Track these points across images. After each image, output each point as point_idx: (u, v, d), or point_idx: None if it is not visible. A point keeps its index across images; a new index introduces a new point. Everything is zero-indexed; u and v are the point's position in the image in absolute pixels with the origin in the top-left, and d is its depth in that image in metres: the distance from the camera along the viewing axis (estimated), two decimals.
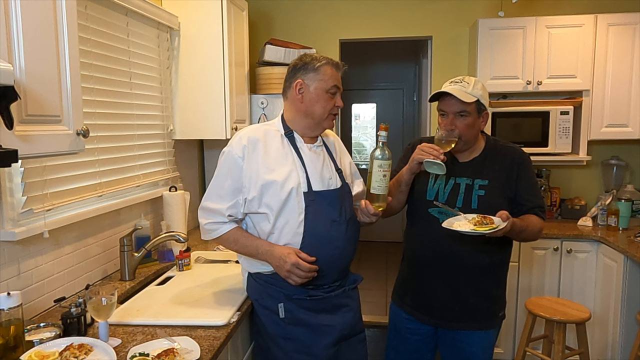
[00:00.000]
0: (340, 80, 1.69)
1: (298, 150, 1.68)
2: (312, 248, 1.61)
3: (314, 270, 1.58)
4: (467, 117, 1.72)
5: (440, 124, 1.78)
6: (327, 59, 1.65)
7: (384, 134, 1.64)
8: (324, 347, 1.66)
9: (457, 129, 1.72)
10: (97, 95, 2.00)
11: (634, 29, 3.01)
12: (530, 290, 3.03)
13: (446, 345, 1.91)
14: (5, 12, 1.13)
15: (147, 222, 2.26)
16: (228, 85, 2.68)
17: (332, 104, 1.66)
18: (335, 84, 1.66)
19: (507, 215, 1.61)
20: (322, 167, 1.70)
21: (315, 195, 1.63)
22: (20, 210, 1.58)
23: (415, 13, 3.55)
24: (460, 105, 1.71)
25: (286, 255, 1.57)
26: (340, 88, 1.68)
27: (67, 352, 1.25)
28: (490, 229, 1.58)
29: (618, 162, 3.32)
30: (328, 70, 1.64)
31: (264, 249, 1.62)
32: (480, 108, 1.75)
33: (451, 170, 1.80)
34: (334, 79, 1.65)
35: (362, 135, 6.70)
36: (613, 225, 3.06)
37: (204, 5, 2.65)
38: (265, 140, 1.66)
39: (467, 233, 1.60)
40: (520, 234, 1.73)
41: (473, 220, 1.63)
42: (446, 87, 1.74)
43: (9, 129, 1.09)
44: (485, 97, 1.76)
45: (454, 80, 1.76)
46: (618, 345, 2.75)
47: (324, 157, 1.73)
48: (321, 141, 1.76)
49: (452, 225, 1.65)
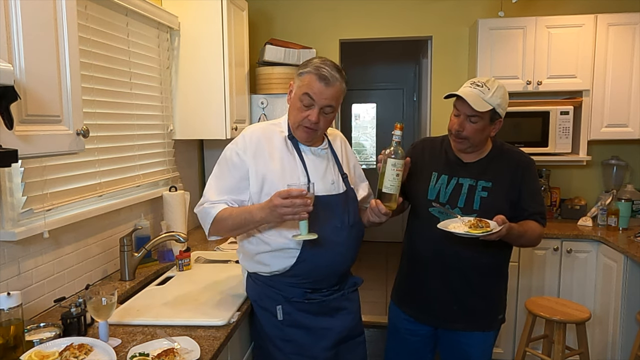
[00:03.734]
0: (327, 94, 1.54)
1: (300, 153, 1.65)
2: (313, 254, 1.59)
3: (304, 195, 1.42)
4: (478, 122, 1.70)
5: (451, 121, 1.77)
6: (315, 68, 1.54)
7: (399, 133, 1.59)
8: (322, 350, 1.66)
9: (465, 132, 1.71)
10: (97, 95, 2.00)
11: (634, 29, 3.01)
12: (530, 290, 3.03)
13: (445, 346, 1.91)
14: (5, 12, 1.13)
15: (147, 222, 2.27)
16: (228, 85, 2.68)
17: (302, 116, 1.57)
18: (307, 93, 1.54)
19: (504, 219, 1.59)
20: (325, 171, 1.67)
21: (317, 200, 1.59)
22: (20, 210, 1.58)
23: (415, 13, 3.55)
24: (472, 111, 1.68)
25: (270, 199, 1.47)
26: (314, 100, 1.54)
27: (67, 352, 1.25)
28: (485, 232, 1.57)
29: (618, 162, 3.32)
30: (306, 79, 1.55)
31: (255, 207, 1.54)
32: (494, 116, 1.71)
33: (455, 171, 1.80)
34: (309, 88, 1.54)
35: (362, 135, 6.70)
36: (613, 225, 3.06)
37: (204, 5, 2.65)
38: (270, 142, 1.64)
39: (461, 235, 1.60)
40: (519, 239, 1.72)
41: (469, 223, 1.62)
42: (464, 89, 1.71)
43: (9, 129, 1.09)
44: (504, 105, 1.72)
45: (476, 82, 1.71)
46: (618, 345, 2.75)
47: (328, 160, 1.70)
48: (327, 144, 1.73)
49: (447, 227, 1.64)
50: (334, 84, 1.55)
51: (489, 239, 1.60)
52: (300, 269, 1.61)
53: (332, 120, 1.65)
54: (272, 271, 1.65)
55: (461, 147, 1.77)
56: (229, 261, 2.26)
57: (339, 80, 1.56)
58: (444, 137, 1.91)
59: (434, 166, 1.84)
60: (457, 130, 1.73)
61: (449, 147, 1.86)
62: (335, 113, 1.63)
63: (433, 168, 1.84)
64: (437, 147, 1.89)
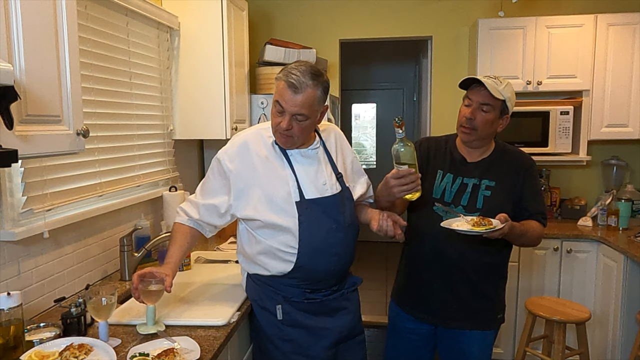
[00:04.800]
0: (295, 101, 1.49)
1: (288, 157, 1.64)
2: (309, 257, 1.59)
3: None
4: (489, 112, 1.72)
5: (461, 112, 1.78)
6: (285, 74, 1.51)
7: (399, 131, 1.56)
8: (322, 349, 1.66)
9: (475, 121, 1.73)
10: (97, 95, 2.00)
11: (634, 29, 3.01)
12: (530, 290, 3.03)
13: (445, 345, 1.91)
14: (5, 12, 1.13)
15: (147, 222, 2.26)
16: (228, 85, 2.68)
17: (275, 122, 1.55)
18: (277, 101, 1.52)
19: (506, 217, 1.60)
20: (316, 173, 1.64)
21: (309, 203, 1.59)
22: (20, 210, 1.58)
23: (415, 13, 3.55)
24: (487, 97, 1.70)
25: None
26: (284, 108, 1.51)
27: (67, 352, 1.25)
28: (487, 229, 1.58)
29: (618, 162, 3.32)
30: (279, 86, 1.52)
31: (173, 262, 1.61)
32: (504, 110, 1.75)
33: (459, 170, 1.81)
34: (279, 96, 1.52)
35: (362, 135, 6.70)
36: (613, 225, 3.06)
37: (204, 5, 2.65)
38: (257, 148, 1.63)
39: (464, 232, 1.61)
40: (520, 238, 1.73)
41: (472, 221, 1.63)
42: (480, 77, 1.74)
43: (9, 129, 1.09)
44: (512, 101, 1.76)
45: (488, 76, 1.75)
46: (618, 345, 2.75)
47: (320, 161, 1.66)
48: (318, 143, 1.70)
49: (451, 225, 1.66)
50: (304, 90, 1.49)
51: (492, 237, 1.61)
52: (299, 273, 1.62)
53: (310, 127, 1.59)
54: (271, 274, 1.65)
55: (469, 138, 1.77)
56: (229, 261, 2.26)
57: (310, 87, 1.49)
58: (448, 137, 1.92)
59: (439, 165, 1.85)
60: (468, 118, 1.74)
61: (453, 146, 1.87)
62: (311, 120, 1.56)
63: (438, 167, 1.85)
64: (441, 147, 1.90)
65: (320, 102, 1.56)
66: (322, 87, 1.54)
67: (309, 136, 1.66)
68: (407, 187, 1.55)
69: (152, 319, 1.49)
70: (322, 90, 1.54)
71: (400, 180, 1.55)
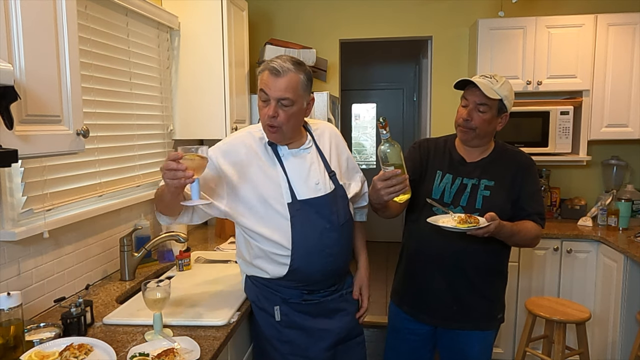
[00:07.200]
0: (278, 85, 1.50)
1: (280, 157, 1.62)
2: (303, 258, 1.58)
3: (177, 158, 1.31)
4: (486, 112, 1.72)
5: (458, 113, 1.78)
6: (266, 64, 1.52)
7: (384, 132, 1.57)
8: (320, 351, 1.66)
9: (473, 122, 1.73)
10: (97, 95, 2.00)
11: (634, 29, 3.01)
12: (530, 290, 3.03)
13: (444, 345, 1.91)
14: (5, 12, 1.13)
15: (147, 222, 2.26)
16: (228, 85, 2.68)
17: (262, 114, 1.55)
18: (262, 89, 1.53)
19: (493, 216, 1.59)
20: (309, 172, 1.62)
21: (302, 204, 1.58)
22: (20, 210, 1.58)
23: (415, 13, 3.55)
24: (482, 98, 1.70)
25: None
26: (268, 95, 1.51)
27: (67, 352, 1.25)
28: (471, 226, 1.58)
29: (618, 162, 3.32)
30: (262, 77, 1.53)
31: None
32: (501, 108, 1.74)
33: (459, 171, 1.81)
34: (263, 84, 1.52)
35: (362, 135, 6.70)
36: (613, 225, 3.06)
37: (204, 5, 2.65)
38: (248, 149, 1.62)
39: (448, 229, 1.61)
40: (512, 237, 1.71)
41: (458, 219, 1.63)
42: (474, 78, 1.74)
43: (9, 129, 1.09)
44: (510, 99, 1.75)
45: (484, 75, 1.76)
46: (618, 345, 2.75)
47: (312, 161, 1.65)
48: (310, 142, 1.68)
49: (437, 222, 1.65)
50: (286, 74, 1.50)
51: (477, 235, 1.60)
52: (295, 275, 1.61)
53: (296, 115, 1.55)
54: (269, 277, 1.65)
55: (467, 137, 1.77)
56: (229, 261, 2.26)
57: (292, 71, 1.50)
58: (447, 137, 1.92)
59: (438, 165, 1.85)
60: (465, 119, 1.74)
61: (452, 147, 1.87)
62: (297, 107, 1.54)
63: (437, 167, 1.85)
64: (440, 147, 1.90)
65: (304, 88, 1.55)
66: (304, 73, 1.55)
67: (297, 128, 1.63)
68: (395, 189, 1.52)
69: (160, 325, 1.47)
70: (305, 76, 1.55)
71: (387, 182, 1.52)
